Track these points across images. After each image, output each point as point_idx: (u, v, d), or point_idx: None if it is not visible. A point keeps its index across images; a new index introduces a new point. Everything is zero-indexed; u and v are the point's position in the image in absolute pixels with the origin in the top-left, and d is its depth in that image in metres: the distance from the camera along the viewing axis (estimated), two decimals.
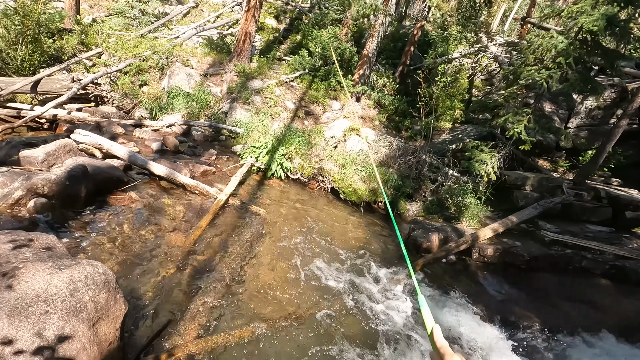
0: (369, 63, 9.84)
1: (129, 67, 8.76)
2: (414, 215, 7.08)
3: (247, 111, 8.44)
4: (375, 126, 9.54)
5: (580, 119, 9.38)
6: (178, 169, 5.35)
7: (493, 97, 9.51)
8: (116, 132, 6.37)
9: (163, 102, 8.26)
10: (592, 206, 6.91)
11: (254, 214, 5.16)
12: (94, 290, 2.15)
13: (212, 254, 3.91)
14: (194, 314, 3.01)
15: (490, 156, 6.93)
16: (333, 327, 3.44)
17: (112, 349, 2.21)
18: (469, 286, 5.05)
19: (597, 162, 7.52)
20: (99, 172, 4.21)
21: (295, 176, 6.94)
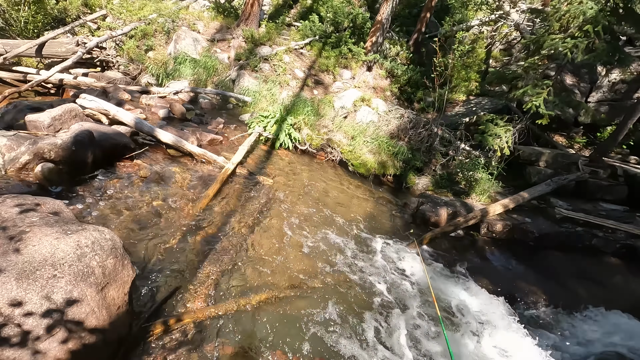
0: (382, 30, 9.40)
1: (134, 31, 8.51)
2: (423, 189, 6.99)
3: (255, 79, 8.22)
4: (387, 97, 9.26)
5: (602, 92, 8.95)
6: (185, 137, 5.28)
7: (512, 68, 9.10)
8: (122, 98, 6.27)
9: (169, 68, 8.07)
10: (608, 184, 6.72)
11: (262, 184, 5.11)
12: (101, 255, 2.15)
13: (219, 222, 3.91)
14: (201, 281, 3.04)
15: (505, 130, 6.70)
16: (336, 297, 3.46)
17: (120, 313, 2.23)
18: (476, 261, 5.03)
19: (616, 138, 7.24)
20: (106, 138, 4.15)
21: (304, 147, 6.83)
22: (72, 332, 1.92)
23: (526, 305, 4.31)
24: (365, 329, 3.19)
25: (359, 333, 3.12)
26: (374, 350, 3.01)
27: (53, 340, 1.85)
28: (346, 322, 3.19)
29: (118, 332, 2.22)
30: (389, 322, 3.39)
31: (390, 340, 3.18)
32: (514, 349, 3.47)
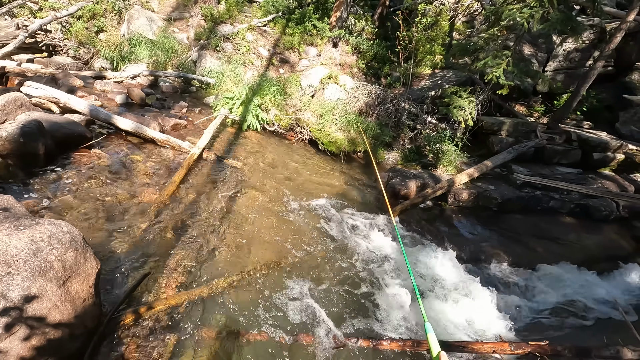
0: (346, 4, 9.24)
1: (81, 11, 7.91)
2: (393, 164, 7.13)
3: (217, 59, 7.92)
4: (354, 73, 9.21)
5: (558, 62, 9.33)
6: (146, 123, 5.06)
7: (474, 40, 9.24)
8: (74, 84, 5.88)
9: (124, 50, 7.61)
10: (563, 149, 7.12)
11: (230, 167, 5.03)
12: (59, 249, 2.06)
13: (187, 208, 3.84)
14: (173, 267, 3.00)
15: (469, 102, 6.89)
16: (311, 273, 3.54)
17: (87, 306, 2.18)
18: (444, 229, 5.25)
19: (570, 105, 7.62)
20: (58, 128, 3.91)
21: (272, 128, 6.73)
22: (34, 328, 1.86)
23: (489, 266, 4.58)
24: (342, 301, 3.29)
25: (335, 305, 3.22)
26: (352, 320, 3.12)
27: (14, 339, 1.78)
28: (323, 296, 3.27)
29: (85, 325, 2.17)
30: (363, 291, 3.51)
31: (365, 309, 3.30)
32: (479, 307, 3.70)
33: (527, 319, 3.97)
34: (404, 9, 8.84)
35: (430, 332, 0.93)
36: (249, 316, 2.83)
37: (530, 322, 3.90)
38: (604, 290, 4.50)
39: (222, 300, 2.89)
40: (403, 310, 3.44)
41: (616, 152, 7.18)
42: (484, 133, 7.46)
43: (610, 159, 7.14)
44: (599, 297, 4.35)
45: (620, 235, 5.78)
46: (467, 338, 3.29)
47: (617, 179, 6.81)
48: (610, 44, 6.96)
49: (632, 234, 5.82)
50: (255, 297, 3.03)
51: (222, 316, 2.75)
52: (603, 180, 6.65)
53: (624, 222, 6.06)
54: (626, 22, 6.75)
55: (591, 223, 5.89)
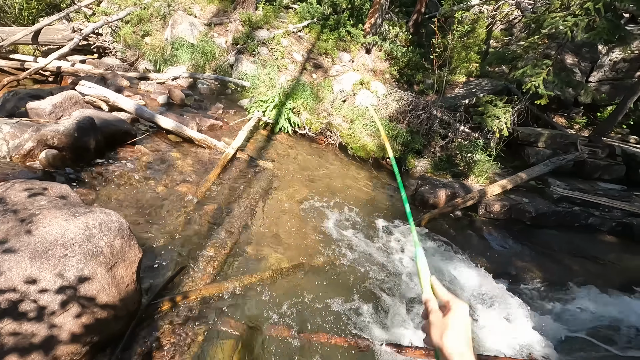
0: (381, 11, 9.27)
1: (129, 16, 8.42)
2: (422, 172, 7.05)
3: (253, 63, 8.17)
4: (386, 80, 9.21)
5: (604, 72, 8.89)
6: (185, 123, 5.32)
7: (512, 48, 8.99)
8: (121, 84, 6.28)
9: (167, 53, 8.02)
10: (606, 164, 6.77)
11: (262, 168, 5.18)
12: (108, 236, 2.24)
13: (221, 206, 4.00)
14: (206, 261, 3.15)
15: (504, 111, 6.71)
16: (337, 274, 3.58)
17: (129, 291, 2.34)
18: (473, 240, 5.14)
19: (616, 118, 7.25)
20: (107, 124, 4.20)
21: (303, 131, 6.86)
22: (84, 307, 2.02)
23: (520, 281, 4.43)
24: (364, 304, 3.31)
25: (358, 308, 3.25)
26: (373, 324, 3.13)
27: (67, 315, 1.95)
28: (347, 298, 3.31)
29: (128, 308, 2.33)
30: (386, 297, 3.51)
31: (387, 315, 3.30)
32: (508, 322, 3.60)
33: (558, 340, 3.79)
34: (440, 16, 8.75)
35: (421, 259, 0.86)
36: (276, 312, 2.91)
37: (561, 343, 3.73)
38: None
39: (252, 295, 2.99)
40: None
41: None
42: (519, 144, 7.23)
43: None
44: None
45: None
46: (494, 353, 3.21)
47: None
48: None
49: None
50: (283, 295, 3.11)
51: (249, 309, 2.85)
52: None
53: None
54: None
55: (635, 244, 5.56)
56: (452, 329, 0.70)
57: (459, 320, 0.71)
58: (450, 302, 0.74)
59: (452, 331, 0.69)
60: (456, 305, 0.73)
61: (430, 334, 0.74)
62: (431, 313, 0.76)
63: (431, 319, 0.75)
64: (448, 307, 0.74)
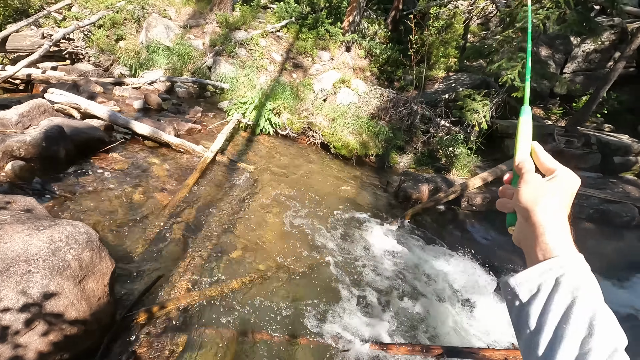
0: (359, 9, 9.27)
1: (102, 20, 8.20)
2: (405, 167, 7.09)
3: (231, 65, 8.07)
4: (367, 77, 9.22)
5: (577, 63, 9.11)
6: (162, 128, 5.20)
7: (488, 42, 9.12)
8: (94, 90, 6.10)
9: (142, 57, 7.84)
10: (582, 153, 6.94)
11: (243, 170, 5.11)
12: (76, 249, 2.15)
13: (200, 211, 3.92)
14: (185, 269, 3.07)
15: (483, 105, 6.80)
16: (321, 276, 3.55)
17: (101, 304, 2.26)
18: (456, 233, 5.19)
19: (590, 108, 7.43)
20: (78, 132, 4.07)
21: (284, 132, 6.81)
22: (52, 324, 1.94)
23: (503, 271, 4.49)
24: (349, 305, 3.29)
25: (343, 310, 3.22)
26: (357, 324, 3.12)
27: (33, 334, 1.87)
28: (330, 300, 3.28)
29: (100, 322, 2.24)
30: (372, 296, 3.50)
31: (373, 315, 3.29)
32: (491, 313, 3.63)
33: None
34: (417, 12, 8.82)
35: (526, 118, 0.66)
36: (258, 317, 2.87)
37: None
38: (624, 299, 4.35)
39: (233, 301, 2.93)
40: (411, 313, 3.41)
41: (638, 155, 6.95)
42: (498, 136, 7.35)
43: (632, 162, 6.92)
44: (619, 306, 4.21)
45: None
46: (479, 344, 3.23)
47: (639, 183, 6.59)
48: (632, 45, 6.76)
49: None
50: (265, 299, 3.06)
51: (232, 316, 2.79)
52: (624, 185, 6.44)
53: None
54: None
55: (611, 229, 5.71)
56: (553, 193, 0.56)
57: (565, 188, 0.57)
58: (557, 169, 0.60)
59: (553, 196, 0.56)
60: (565, 172, 0.59)
61: (518, 194, 0.59)
62: (526, 173, 0.61)
63: (525, 178, 0.60)
64: (552, 173, 0.60)
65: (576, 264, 0.54)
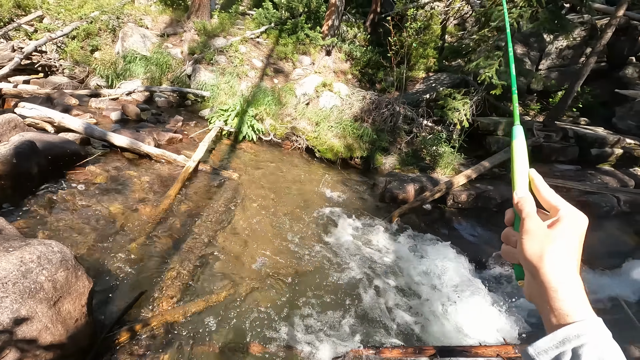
0: (337, 13, 9.32)
1: (76, 31, 8.00)
2: (390, 168, 7.11)
3: (211, 72, 7.97)
4: (348, 80, 9.26)
5: (551, 60, 9.36)
6: (141, 139, 5.07)
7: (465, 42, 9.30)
8: (69, 103, 5.92)
9: (119, 68, 7.67)
10: (560, 146, 7.10)
11: (227, 178, 5.02)
12: (49, 269, 2.04)
13: (184, 222, 3.82)
14: (169, 283, 2.97)
15: (463, 103, 6.90)
16: (309, 283, 3.50)
17: (79, 326, 2.15)
18: (444, 232, 5.21)
19: (565, 102, 7.61)
20: (52, 147, 3.92)
21: (268, 137, 6.74)
22: (25, 351, 1.83)
23: (491, 267, 4.53)
24: (340, 311, 3.24)
25: (333, 316, 3.17)
26: (351, 331, 3.07)
27: None
28: (320, 306, 3.23)
29: (79, 345, 2.14)
30: (363, 300, 3.46)
31: (365, 318, 3.25)
32: (482, 310, 3.65)
33: (531, 321, 3.90)
34: (395, 15, 8.92)
35: (519, 140, 0.60)
36: (247, 329, 2.79)
37: (534, 324, 3.83)
38: (609, 287, 4.43)
39: (219, 314, 2.85)
40: (402, 314, 3.39)
41: (614, 147, 7.16)
42: (480, 134, 7.45)
43: (609, 154, 7.12)
44: (604, 295, 4.29)
45: (622, 230, 5.72)
46: (471, 342, 3.23)
47: (616, 174, 6.77)
48: (602, 40, 6.98)
49: (634, 229, 5.76)
50: (253, 310, 2.99)
51: (219, 330, 2.71)
52: (602, 176, 6.61)
53: (626, 217, 6.01)
54: (616, 18, 6.77)
55: (592, 220, 5.77)
56: (560, 244, 0.50)
57: (572, 233, 0.51)
58: (560, 208, 0.54)
59: (560, 247, 0.50)
60: (570, 213, 0.53)
61: (521, 247, 0.53)
62: (527, 218, 0.54)
63: (527, 226, 0.53)
64: (556, 213, 0.54)
65: (595, 332, 0.48)
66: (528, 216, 0.55)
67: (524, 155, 0.62)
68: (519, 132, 0.63)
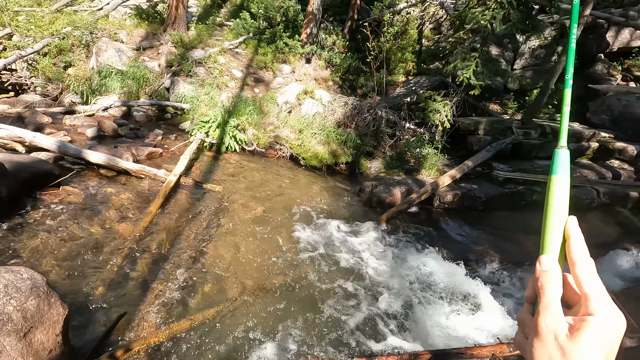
0: (315, 21, 9.37)
1: (47, 48, 7.76)
2: (376, 172, 7.11)
3: (190, 84, 7.86)
4: (329, 86, 9.28)
5: (525, 59, 9.63)
6: (119, 155, 4.91)
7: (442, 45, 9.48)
8: (42, 121, 5.71)
9: (94, 83, 7.48)
10: (539, 142, 7.25)
11: (210, 192, 4.90)
12: (18, 298, 1.91)
13: (166, 239, 3.68)
14: (151, 304, 2.84)
15: (443, 105, 6.98)
16: (298, 295, 3.41)
17: (54, 356, 2.01)
18: (432, 233, 5.20)
19: (541, 100, 7.81)
20: (22, 168, 3.74)
21: (251, 147, 6.65)
22: None
23: (481, 266, 4.53)
24: (330, 322, 3.17)
25: (324, 327, 3.09)
26: (343, 341, 2.99)
27: None
28: (311, 319, 3.14)
29: None
30: (354, 308, 3.39)
31: (357, 327, 3.18)
32: (474, 310, 3.63)
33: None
34: (371, 21, 9.02)
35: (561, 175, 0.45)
36: (234, 347, 2.68)
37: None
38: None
39: (206, 333, 2.73)
40: (395, 320, 3.33)
41: (590, 141, 7.36)
42: (461, 134, 7.54)
43: (585, 148, 7.31)
44: None
45: (604, 222, 5.86)
46: (465, 343, 3.19)
47: (594, 167, 6.96)
48: None
49: (615, 219, 5.90)
50: (241, 326, 2.88)
51: (206, 350, 2.59)
52: (581, 169, 6.77)
53: (606, 208, 6.17)
54: (583, 17, 7.01)
55: (575, 213, 5.91)
56: None
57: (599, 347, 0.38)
58: (592, 301, 0.40)
59: None
60: (603, 313, 0.39)
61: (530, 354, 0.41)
62: (544, 310, 0.41)
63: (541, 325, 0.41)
64: (585, 308, 0.41)
65: None
66: (546, 308, 0.42)
67: (563, 200, 0.45)
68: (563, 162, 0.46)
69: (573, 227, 0.45)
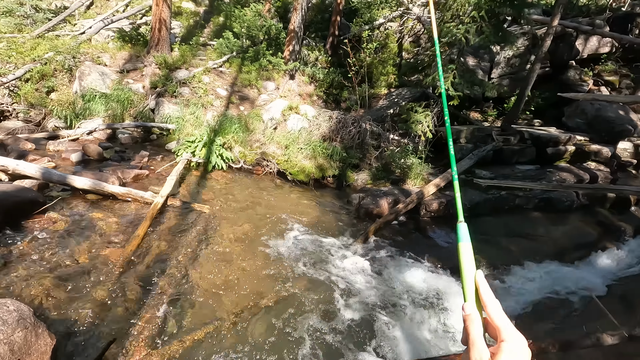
0: (297, 38, 9.59)
1: (29, 74, 7.74)
2: (363, 184, 7.21)
3: (175, 105, 7.91)
4: (314, 101, 9.45)
5: (501, 68, 10.00)
6: (105, 179, 4.90)
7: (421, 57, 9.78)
8: (25, 148, 5.66)
9: (78, 107, 7.47)
10: (519, 148, 7.50)
11: (198, 212, 4.91)
12: (4, 331, 1.90)
13: (154, 262, 3.67)
14: (141, 328, 2.83)
15: (425, 115, 7.18)
16: (290, 310, 3.43)
17: None
18: (420, 241, 5.30)
19: (519, 107, 8.11)
20: (5, 197, 3.71)
21: (238, 165, 6.70)
22: None
23: None
24: (321, 338, 3.19)
25: (315, 344, 3.12)
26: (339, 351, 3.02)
27: None
28: (301, 334, 3.16)
29: None
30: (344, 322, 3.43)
31: (347, 342, 3.21)
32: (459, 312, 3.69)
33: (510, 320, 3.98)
34: (352, 37, 9.28)
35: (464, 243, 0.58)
36: None
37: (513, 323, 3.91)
38: (578, 279, 4.63)
39: (199, 354, 2.72)
40: (384, 332, 3.37)
41: (567, 144, 7.64)
42: (443, 143, 7.73)
43: (563, 151, 7.58)
44: (575, 286, 4.47)
45: (585, 222, 6.04)
46: (454, 350, 3.25)
47: (572, 170, 7.21)
48: (543, 48, 7.56)
49: (595, 219, 6.10)
50: (234, 346, 2.88)
51: None
52: (560, 173, 7.01)
53: (587, 209, 6.37)
54: (552, 27, 7.37)
55: (557, 215, 6.14)
56: None
57: None
58: (502, 332, 0.54)
59: None
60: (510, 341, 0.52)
61: None
62: (471, 347, 0.54)
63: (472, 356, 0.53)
64: (499, 337, 0.53)
65: None
66: (473, 344, 0.54)
67: (470, 259, 0.60)
68: (464, 232, 0.61)
69: (480, 279, 0.60)
